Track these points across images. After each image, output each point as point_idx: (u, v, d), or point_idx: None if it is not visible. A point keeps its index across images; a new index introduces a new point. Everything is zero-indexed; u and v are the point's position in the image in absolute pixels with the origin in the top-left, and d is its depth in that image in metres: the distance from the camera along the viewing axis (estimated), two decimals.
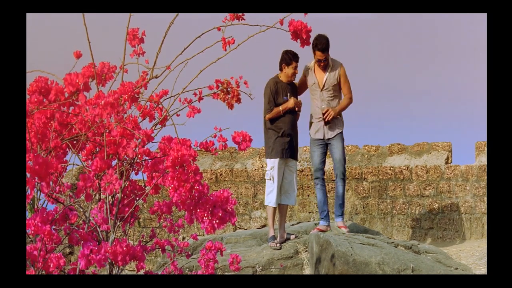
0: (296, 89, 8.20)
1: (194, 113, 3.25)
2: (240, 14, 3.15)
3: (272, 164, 7.96)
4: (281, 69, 8.05)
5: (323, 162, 8.18)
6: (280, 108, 7.92)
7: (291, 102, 7.94)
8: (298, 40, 3.22)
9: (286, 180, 8.05)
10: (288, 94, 8.00)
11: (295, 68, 8.00)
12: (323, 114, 7.97)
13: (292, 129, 8.02)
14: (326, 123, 7.98)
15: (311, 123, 8.23)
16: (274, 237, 8.03)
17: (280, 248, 7.91)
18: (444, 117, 19.60)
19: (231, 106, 3.33)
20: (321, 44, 7.93)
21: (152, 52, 3.25)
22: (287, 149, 7.96)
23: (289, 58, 7.96)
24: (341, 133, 8.11)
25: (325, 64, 8.04)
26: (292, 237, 8.16)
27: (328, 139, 8.05)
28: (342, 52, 8.31)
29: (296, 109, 8.01)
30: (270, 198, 7.99)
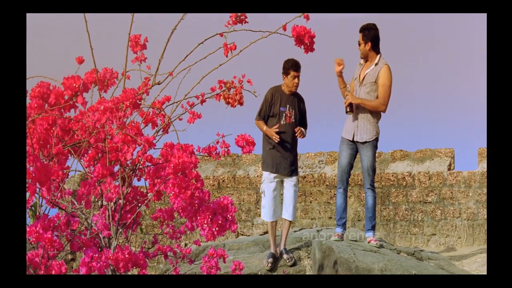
0: (300, 102, 7.61)
1: (195, 119, 3.23)
2: (243, 17, 3.11)
3: (263, 177, 7.63)
4: (283, 79, 7.56)
5: (350, 165, 7.44)
6: (264, 129, 7.51)
7: (269, 131, 7.46)
8: (302, 47, 3.15)
9: (285, 194, 7.62)
10: (288, 105, 7.49)
11: (294, 77, 7.44)
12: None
13: (287, 143, 7.54)
14: (349, 110, 7.29)
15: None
16: (271, 255, 7.64)
17: (270, 269, 7.52)
18: (446, 124, 19.59)
19: (233, 102, 3.24)
20: (369, 33, 7.21)
21: (154, 56, 3.23)
22: (279, 164, 7.51)
23: (287, 67, 7.45)
24: (374, 140, 7.32)
25: (366, 57, 7.32)
26: (285, 256, 7.67)
27: (358, 142, 7.35)
28: (341, 54, 7.74)
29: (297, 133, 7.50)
30: (264, 212, 7.63)
